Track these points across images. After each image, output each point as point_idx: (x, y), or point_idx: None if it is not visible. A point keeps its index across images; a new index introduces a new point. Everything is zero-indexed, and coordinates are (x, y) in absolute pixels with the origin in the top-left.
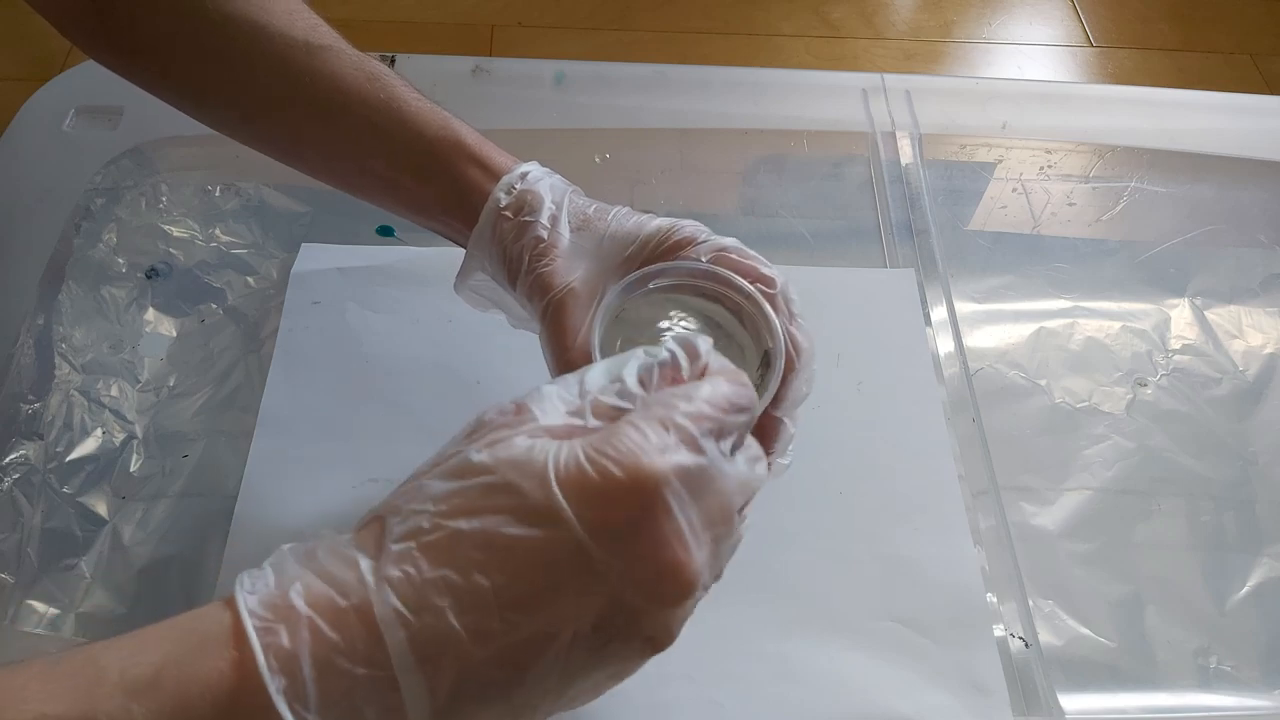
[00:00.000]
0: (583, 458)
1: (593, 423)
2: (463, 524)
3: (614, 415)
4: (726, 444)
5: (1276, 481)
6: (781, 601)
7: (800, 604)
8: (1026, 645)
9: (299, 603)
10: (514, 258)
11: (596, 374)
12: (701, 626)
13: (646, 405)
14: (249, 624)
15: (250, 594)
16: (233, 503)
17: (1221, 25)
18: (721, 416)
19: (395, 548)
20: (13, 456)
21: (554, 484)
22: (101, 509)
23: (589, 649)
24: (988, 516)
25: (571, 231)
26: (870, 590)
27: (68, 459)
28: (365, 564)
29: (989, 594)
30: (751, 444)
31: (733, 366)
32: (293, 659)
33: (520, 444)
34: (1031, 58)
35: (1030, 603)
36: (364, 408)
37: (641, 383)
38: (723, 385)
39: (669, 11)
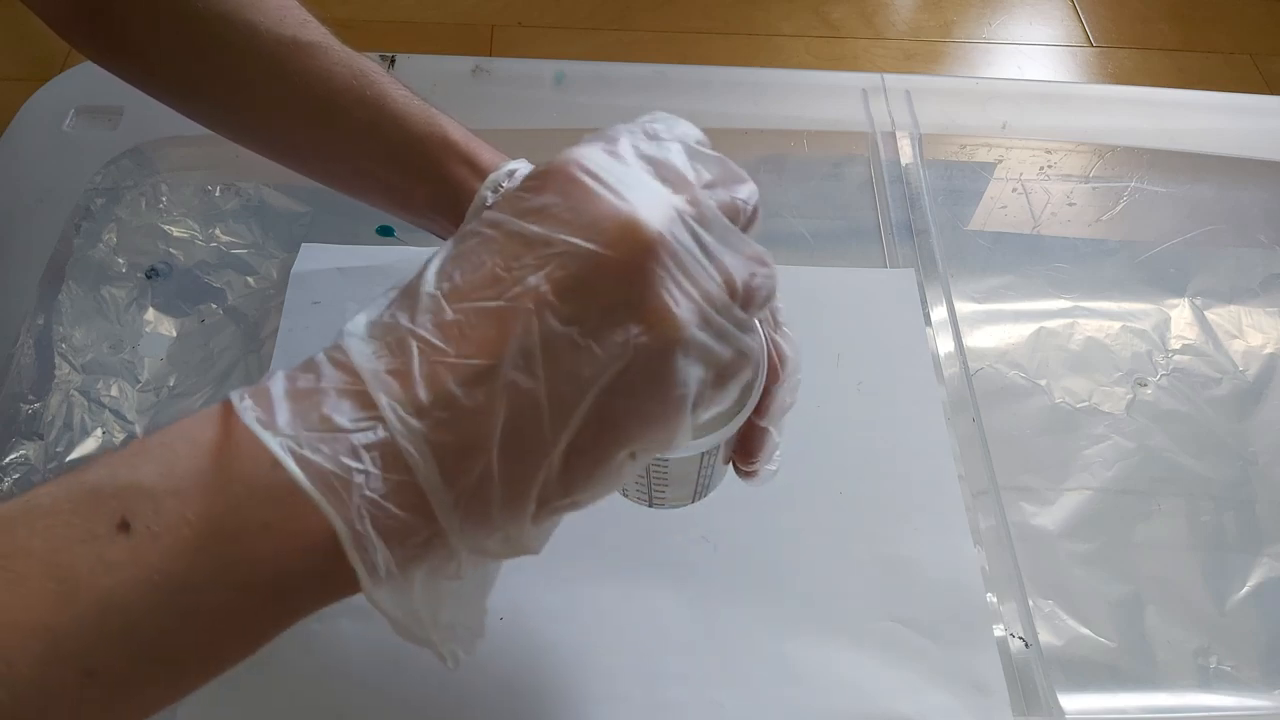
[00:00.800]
0: (527, 176)
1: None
2: (429, 267)
3: None
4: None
5: (1276, 481)
6: (781, 601)
7: (800, 604)
8: (1026, 645)
9: (279, 375)
10: None
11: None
12: (701, 626)
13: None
14: (234, 393)
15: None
16: None
17: (1221, 25)
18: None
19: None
20: (13, 456)
21: (492, 207)
22: None
23: (572, 341)
24: (988, 516)
25: None
26: (870, 590)
27: (68, 459)
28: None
29: (989, 594)
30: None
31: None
32: (265, 396)
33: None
34: (1031, 58)
35: (1030, 603)
36: None
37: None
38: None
39: (669, 11)
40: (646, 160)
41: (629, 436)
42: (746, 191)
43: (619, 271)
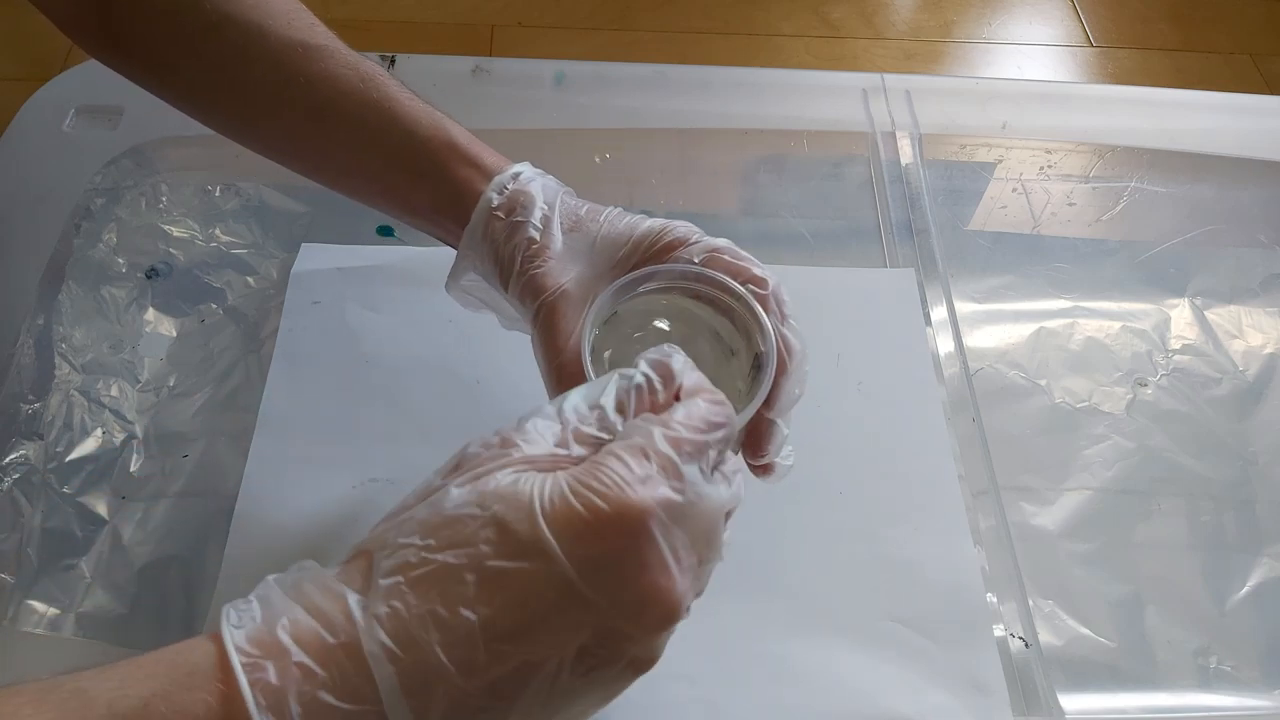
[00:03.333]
0: (568, 491)
1: (576, 451)
2: (449, 557)
3: (596, 444)
4: (707, 463)
5: (1276, 481)
6: (781, 601)
7: (800, 604)
8: (1026, 645)
9: (286, 639)
10: (506, 259)
11: (576, 401)
12: (701, 626)
13: (626, 434)
14: (235, 660)
15: (237, 628)
16: (233, 503)
17: (1221, 25)
18: (699, 438)
19: (383, 583)
20: (13, 456)
21: (540, 518)
22: (101, 509)
23: (575, 675)
24: (988, 516)
25: (563, 233)
26: (870, 590)
27: (68, 459)
28: (353, 599)
29: (989, 594)
30: (730, 460)
31: (708, 383)
32: (280, 695)
33: (505, 478)
34: (1031, 58)
35: (1030, 603)
36: (364, 408)
37: (620, 408)
38: (699, 406)
39: (669, 11)
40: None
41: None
42: (661, 358)
43: (641, 638)
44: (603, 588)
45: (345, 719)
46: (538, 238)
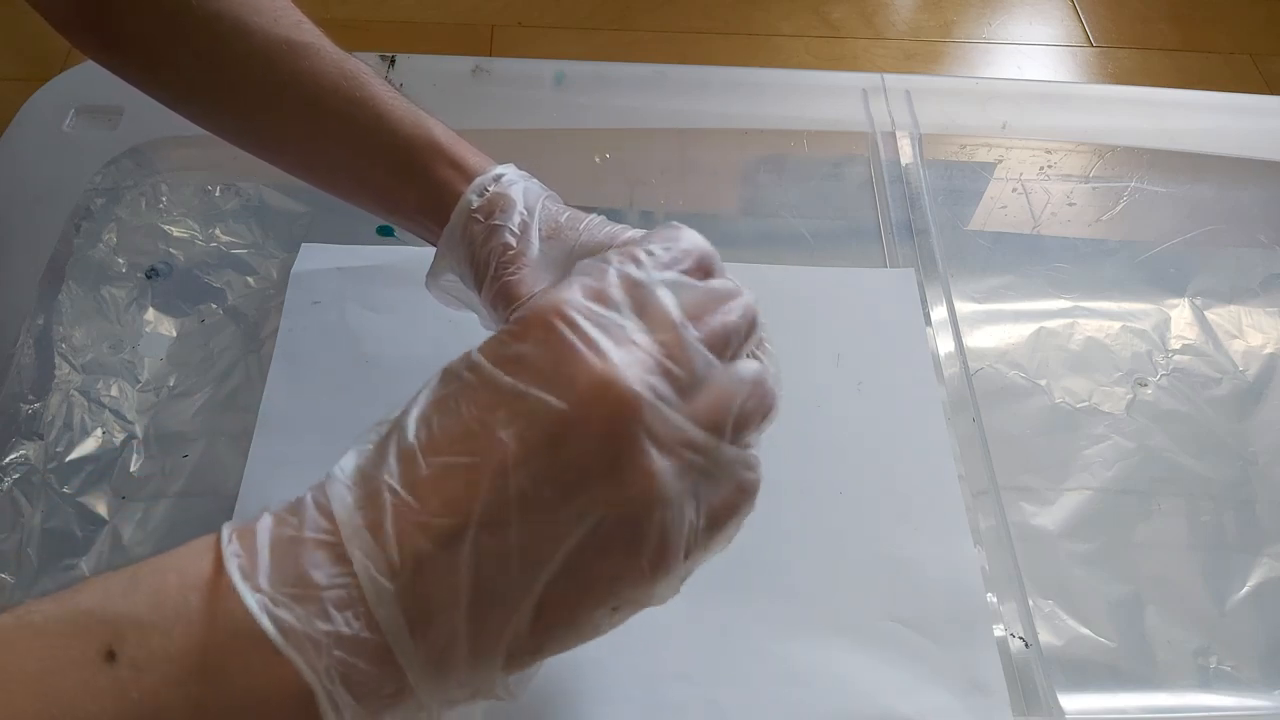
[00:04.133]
0: (510, 321)
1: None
2: (413, 410)
3: None
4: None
5: (1276, 481)
6: (781, 601)
7: (800, 604)
8: (1026, 645)
9: (268, 515)
10: (481, 262)
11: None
12: (701, 626)
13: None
14: (224, 531)
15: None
16: (233, 503)
17: (1221, 25)
18: (673, 255)
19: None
20: (13, 456)
21: (475, 349)
22: (101, 509)
23: (541, 501)
24: (988, 516)
25: (541, 240)
26: (870, 590)
27: (68, 459)
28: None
29: (989, 594)
30: (752, 361)
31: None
32: (251, 539)
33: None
34: (1031, 58)
35: (1030, 603)
36: (364, 408)
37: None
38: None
39: (669, 11)
40: (632, 298)
41: (608, 594)
42: (739, 311)
43: (592, 431)
44: (525, 375)
45: (304, 547)
46: (514, 244)
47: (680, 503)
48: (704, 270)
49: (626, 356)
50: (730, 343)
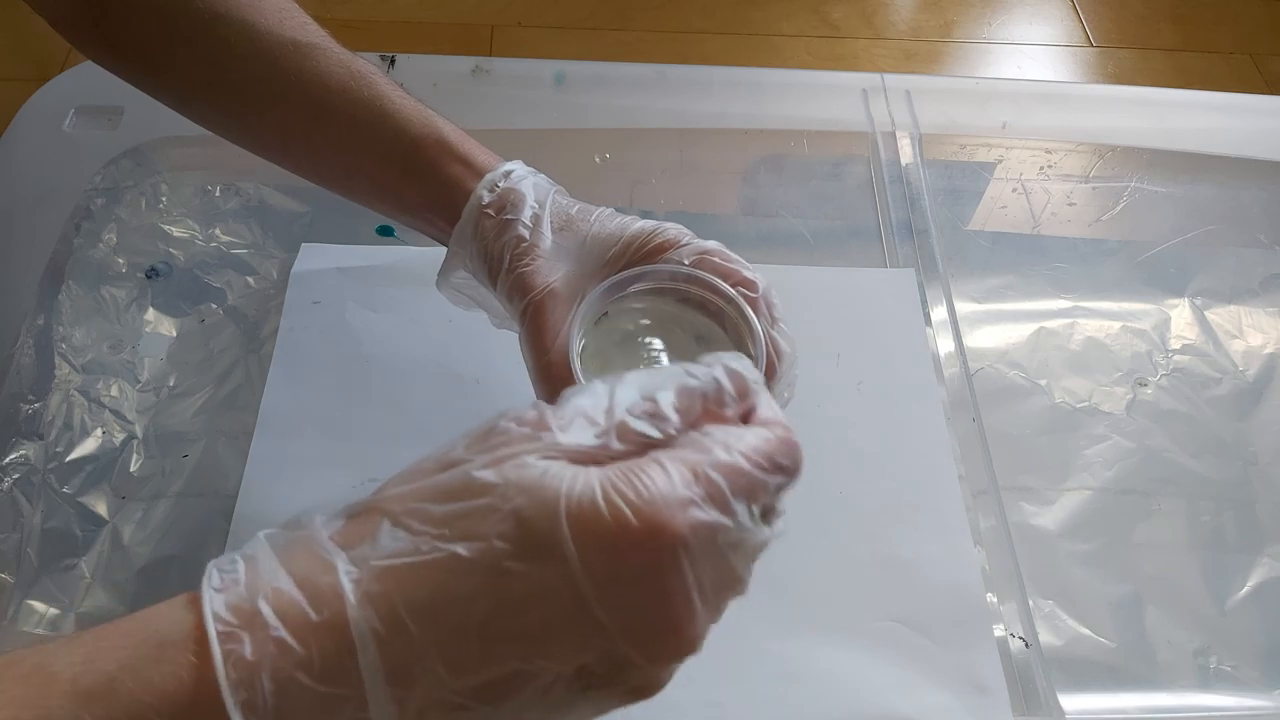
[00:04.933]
0: (599, 494)
1: (616, 446)
2: (460, 549)
3: (642, 444)
4: (758, 505)
5: (1276, 481)
6: (781, 601)
7: (800, 604)
8: (1026, 645)
9: (267, 610)
10: (495, 256)
11: (628, 390)
12: None
13: (679, 444)
14: (212, 631)
15: (218, 591)
16: (233, 503)
17: (1221, 25)
18: (760, 476)
19: (382, 563)
20: (13, 456)
21: (563, 519)
22: (101, 509)
23: (570, 691)
24: (988, 516)
25: (553, 232)
26: (870, 590)
27: (68, 459)
28: (344, 573)
29: (989, 594)
30: (780, 507)
31: (783, 417)
32: (254, 671)
33: (533, 466)
34: (1031, 58)
35: (1030, 603)
36: (364, 408)
37: (678, 410)
38: (769, 440)
39: (669, 11)
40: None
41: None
42: (741, 370)
43: (646, 669)
44: (616, 609)
45: (321, 702)
46: (527, 236)
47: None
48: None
49: (705, 620)
50: (741, 398)
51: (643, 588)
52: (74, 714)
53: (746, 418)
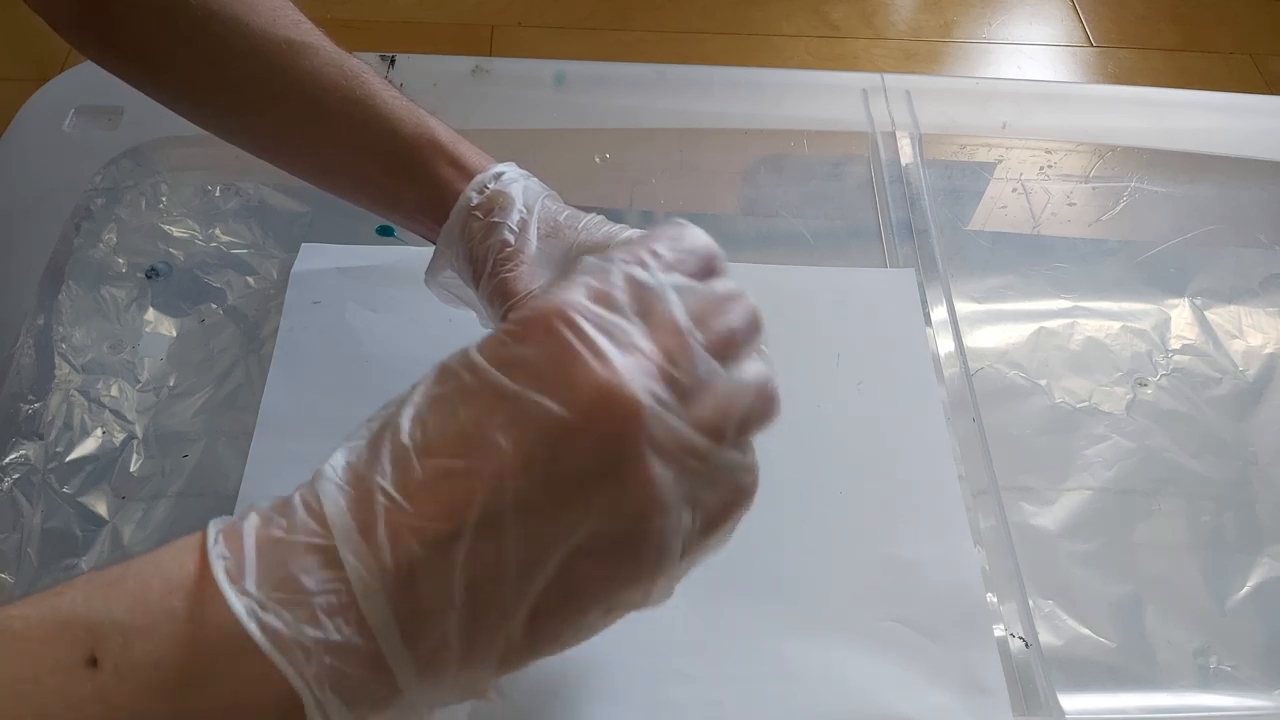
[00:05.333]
0: (507, 322)
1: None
2: (407, 408)
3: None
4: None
5: (1276, 481)
6: (781, 601)
7: (800, 604)
8: (1026, 645)
9: (254, 515)
10: (479, 259)
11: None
12: (701, 626)
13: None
14: (210, 531)
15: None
16: (233, 503)
17: (1221, 25)
18: (678, 255)
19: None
20: (13, 456)
21: (474, 347)
22: (101, 509)
23: (537, 507)
24: (988, 516)
25: (540, 238)
26: (870, 590)
27: (68, 459)
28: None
29: (989, 594)
30: (755, 361)
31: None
32: (238, 540)
33: None
34: (1031, 58)
35: (1030, 603)
36: (364, 408)
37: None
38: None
39: (669, 11)
40: (636, 300)
41: (602, 598)
42: (743, 314)
43: (593, 439)
44: (526, 378)
45: (295, 553)
46: (512, 241)
47: (678, 509)
48: (708, 270)
49: (630, 362)
50: (733, 346)
51: (544, 353)
52: (85, 595)
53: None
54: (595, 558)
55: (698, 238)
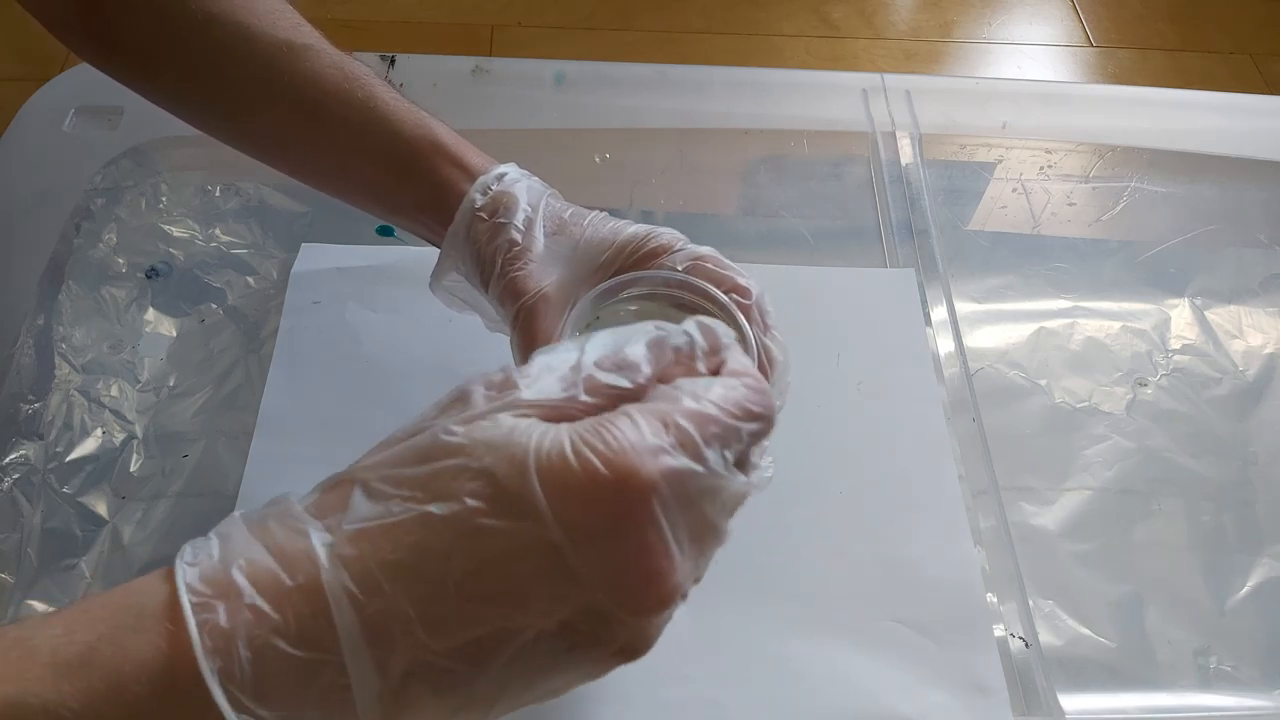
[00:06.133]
0: (568, 447)
1: (584, 399)
2: (433, 509)
3: (612, 397)
4: (731, 453)
5: (1276, 481)
6: (781, 601)
7: (800, 604)
8: (1026, 645)
9: (241, 579)
10: (487, 260)
11: (599, 343)
12: (701, 626)
13: (650, 397)
14: (185, 600)
15: (191, 566)
16: (233, 503)
17: (1221, 25)
18: (731, 422)
19: (354, 527)
20: (13, 456)
21: (533, 474)
22: (101, 509)
23: (555, 650)
24: (988, 516)
25: (546, 236)
26: (870, 590)
27: (68, 459)
28: (318, 539)
29: (989, 594)
30: (759, 453)
31: (753, 367)
32: (229, 638)
33: (502, 423)
34: (1031, 58)
35: (1030, 603)
36: (364, 408)
37: (648, 362)
38: (738, 389)
39: (669, 12)
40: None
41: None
42: (712, 325)
43: (628, 631)
44: (592, 561)
45: (299, 668)
46: (520, 240)
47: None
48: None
49: (685, 570)
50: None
51: (617, 538)
52: (54, 685)
53: (717, 373)
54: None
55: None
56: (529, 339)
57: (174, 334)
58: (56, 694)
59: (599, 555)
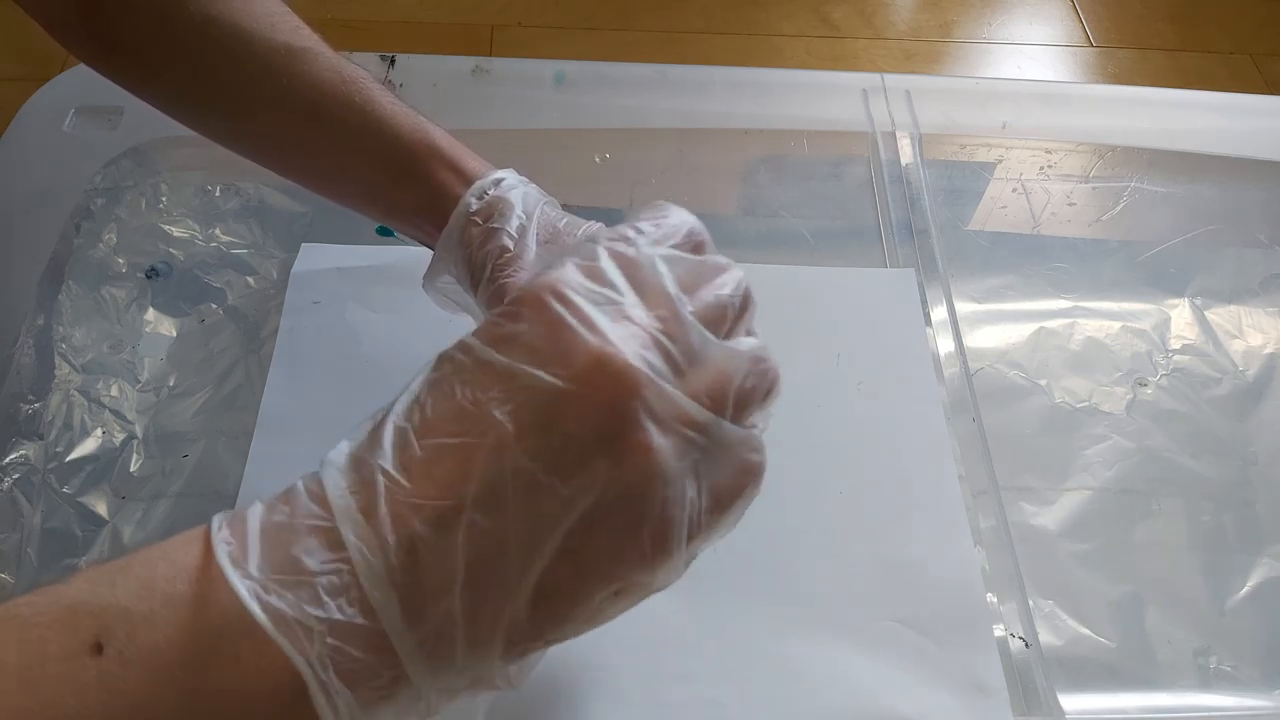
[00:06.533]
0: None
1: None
2: (405, 395)
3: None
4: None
5: (1276, 481)
6: (781, 601)
7: (800, 604)
8: (1026, 645)
9: (259, 504)
10: (478, 264)
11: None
12: (701, 626)
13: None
14: (215, 521)
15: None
16: (233, 503)
17: (1221, 25)
18: (663, 232)
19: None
20: (13, 456)
21: (469, 333)
22: (101, 509)
23: (535, 480)
24: (988, 516)
25: (539, 244)
26: (870, 590)
27: (68, 459)
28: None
29: (989, 594)
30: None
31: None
32: (242, 527)
33: None
34: (1031, 58)
35: (1030, 603)
36: (364, 408)
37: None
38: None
39: (669, 12)
40: (625, 274)
41: (608, 576)
42: (731, 285)
43: (588, 408)
44: (520, 353)
45: (298, 536)
46: (511, 246)
47: (681, 481)
48: (694, 246)
49: (623, 332)
50: (725, 318)
51: (535, 326)
52: (90, 586)
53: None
54: (598, 532)
55: (681, 214)
56: None
57: (174, 334)
58: (91, 590)
59: (521, 350)
